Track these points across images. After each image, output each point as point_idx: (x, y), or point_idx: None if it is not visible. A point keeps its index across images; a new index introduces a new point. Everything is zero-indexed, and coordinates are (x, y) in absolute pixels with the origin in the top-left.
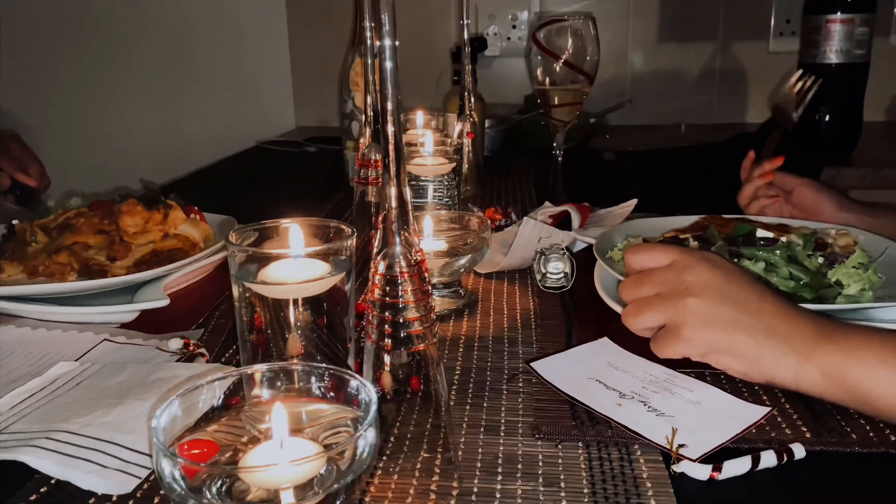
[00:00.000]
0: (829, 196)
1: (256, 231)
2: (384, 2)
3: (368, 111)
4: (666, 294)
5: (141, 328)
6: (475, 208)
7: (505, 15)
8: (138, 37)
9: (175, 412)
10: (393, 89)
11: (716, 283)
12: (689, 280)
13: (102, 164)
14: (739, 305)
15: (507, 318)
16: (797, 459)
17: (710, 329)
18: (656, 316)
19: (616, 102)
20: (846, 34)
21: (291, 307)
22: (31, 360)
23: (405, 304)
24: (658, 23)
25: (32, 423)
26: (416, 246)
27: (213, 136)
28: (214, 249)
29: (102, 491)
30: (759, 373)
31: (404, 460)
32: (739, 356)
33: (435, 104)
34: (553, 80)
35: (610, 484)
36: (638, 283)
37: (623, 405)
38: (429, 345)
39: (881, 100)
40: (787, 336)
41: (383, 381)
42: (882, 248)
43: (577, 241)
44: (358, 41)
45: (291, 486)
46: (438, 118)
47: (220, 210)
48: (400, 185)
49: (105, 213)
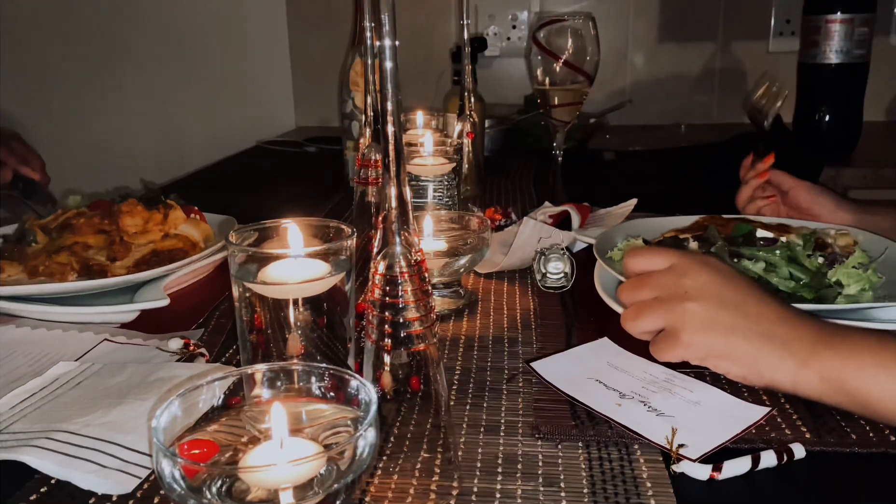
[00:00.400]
0: (824, 199)
1: (256, 231)
2: (384, 2)
3: (368, 111)
4: (664, 298)
5: (141, 328)
6: (475, 208)
7: (505, 15)
8: (138, 37)
9: (175, 412)
10: (393, 89)
11: (714, 288)
12: (687, 284)
13: (102, 163)
14: (738, 310)
15: (507, 318)
16: (797, 459)
17: (709, 333)
18: (655, 320)
19: (616, 102)
20: (846, 34)
21: (291, 307)
22: (31, 360)
23: (405, 304)
24: (658, 23)
25: (32, 423)
26: (416, 246)
27: (214, 136)
28: (214, 249)
29: (102, 491)
30: (758, 377)
31: (404, 460)
32: (738, 360)
33: (435, 104)
34: (553, 80)
35: (610, 484)
36: (637, 286)
37: (623, 405)
38: (429, 345)
39: (881, 100)
40: (786, 340)
41: (383, 381)
42: (882, 248)
43: (577, 241)
44: (358, 41)
45: (291, 486)
46: (438, 118)
47: (220, 210)
48: (400, 185)
49: (105, 213)
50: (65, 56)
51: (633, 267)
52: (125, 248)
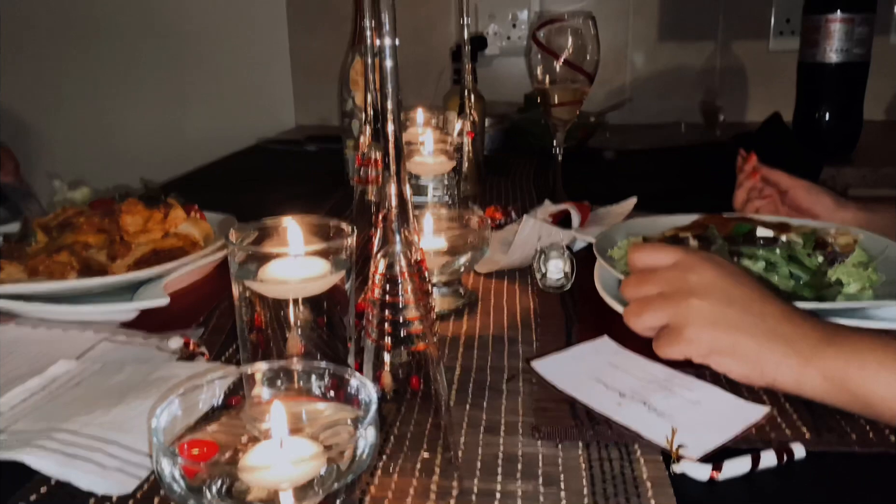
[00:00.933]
0: (824, 198)
1: (256, 230)
2: (384, 1)
3: (368, 110)
4: (669, 294)
5: (141, 327)
6: (475, 207)
7: (505, 14)
8: (139, 36)
9: (175, 412)
10: (393, 88)
11: (720, 285)
12: (692, 280)
13: (103, 162)
14: (743, 307)
15: (507, 318)
16: (797, 459)
17: (713, 330)
18: (659, 315)
19: (616, 101)
20: (846, 34)
21: (291, 306)
22: (31, 359)
23: (405, 303)
24: (658, 22)
25: (32, 423)
26: (415, 245)
27: (214, 134)
28: (214, 248)
29: (102, 491)
30: (760, 375)
31: (404, 460)
32: (741, 358)
33: (435, 103)
34: (553, 80)
35: (610, 484)
36: (641, 281)
37: (623, 405)
38: (429, 344)
39: (881, 99)
40: (790, 339)
41: (383, 381)
42: (882, 247)
43: (577, 240)
44: (358, 40)
45: (291, 486)
46: (438, 117)
47: (221, 209)
48: (400, 184)
49: (105, 212)
50: (65, 56)
51: (638, 262)
52: (125, 247)
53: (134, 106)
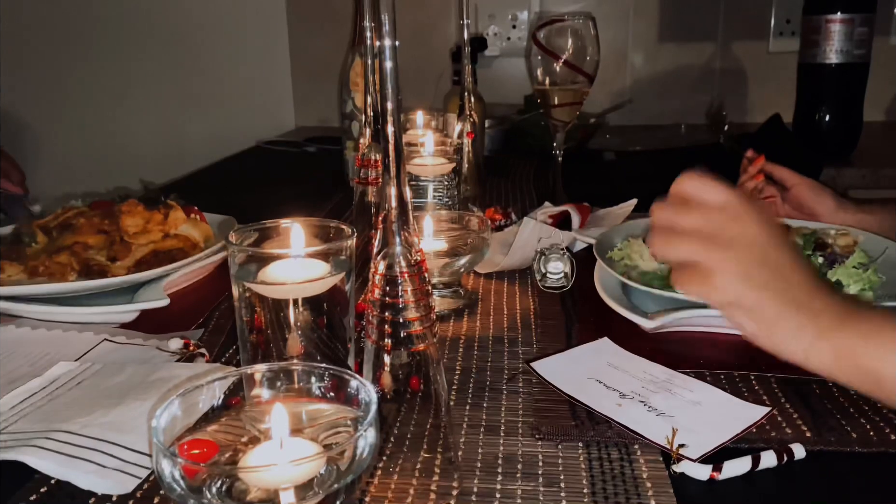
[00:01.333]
0: (826, 197)
1: (256, 231)
2: (384, 2)
3: (368, 111)
4: (708, 235)
5: (141, 328)
6: (475, 208)
7: (505, 15)
8: (138, 37)
9: (175, 412)
10: (393, 89)
11: (760, 241)
12: (736, 230)
13: (103, 164)
14: (774, 270)
15: (507, 318)
16: (797, 459)
17: (741, 285)
18: (690, 252)
19: (616, 102)
20: (846, 34)
21: (291, 307)
22: (31, 360)
23: (405, 304)
24: (658, 23)
25: (32, 423)
26: (416, 246)
27: (214, 136)
28: (214, 249)
29: (102, 491)
30: (769, 339)
31: (404, 460)
32: (758, 318)
33: (435, 104)
34: (553, 80)
35: (610, 484)
36: (682, 210)
37: (623, 405)
38: (429, 345)
39: (881, 100)
40: (812, 311)
41: (383, 381)
42: (882, 248)
43: (577, 241)
44: (358, 41)
45: (291, 486)
46: (438, 118)
47: (221, 210)
48: (400, 186)
49: (105, 213)
50: (66, 56)
51: (684, 189)
52: (125, 249)
53: (134, 107)
